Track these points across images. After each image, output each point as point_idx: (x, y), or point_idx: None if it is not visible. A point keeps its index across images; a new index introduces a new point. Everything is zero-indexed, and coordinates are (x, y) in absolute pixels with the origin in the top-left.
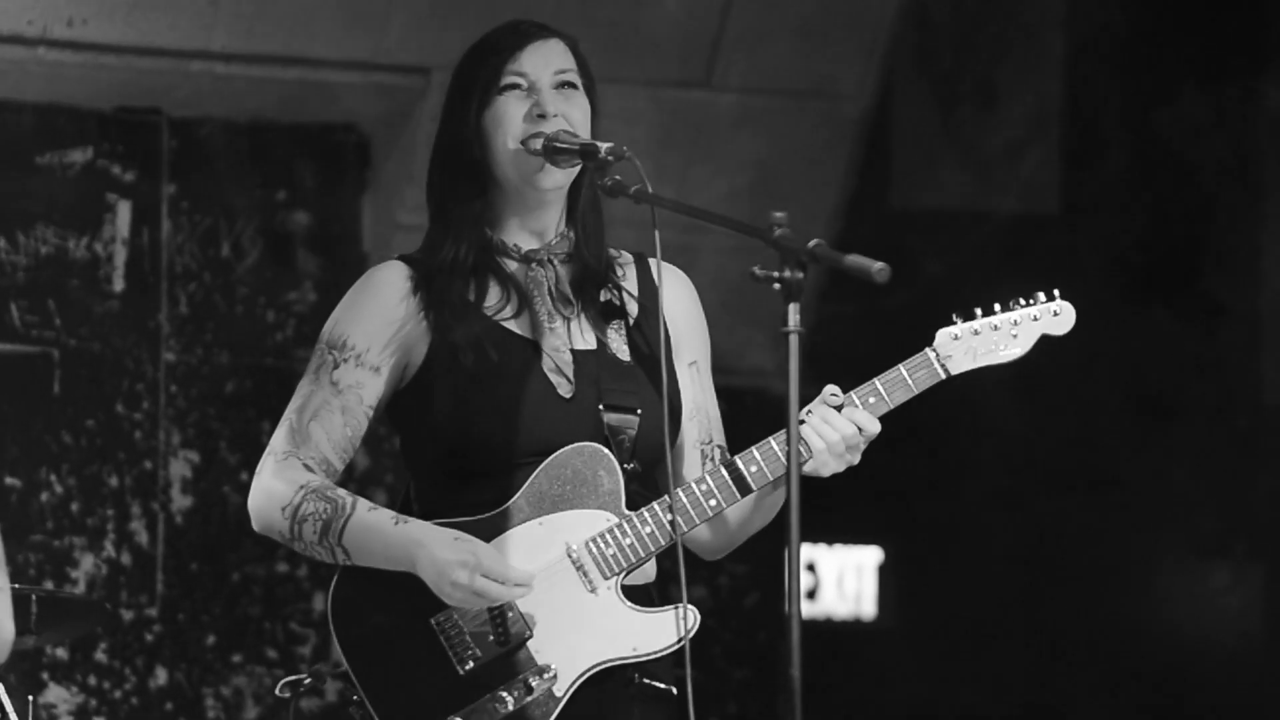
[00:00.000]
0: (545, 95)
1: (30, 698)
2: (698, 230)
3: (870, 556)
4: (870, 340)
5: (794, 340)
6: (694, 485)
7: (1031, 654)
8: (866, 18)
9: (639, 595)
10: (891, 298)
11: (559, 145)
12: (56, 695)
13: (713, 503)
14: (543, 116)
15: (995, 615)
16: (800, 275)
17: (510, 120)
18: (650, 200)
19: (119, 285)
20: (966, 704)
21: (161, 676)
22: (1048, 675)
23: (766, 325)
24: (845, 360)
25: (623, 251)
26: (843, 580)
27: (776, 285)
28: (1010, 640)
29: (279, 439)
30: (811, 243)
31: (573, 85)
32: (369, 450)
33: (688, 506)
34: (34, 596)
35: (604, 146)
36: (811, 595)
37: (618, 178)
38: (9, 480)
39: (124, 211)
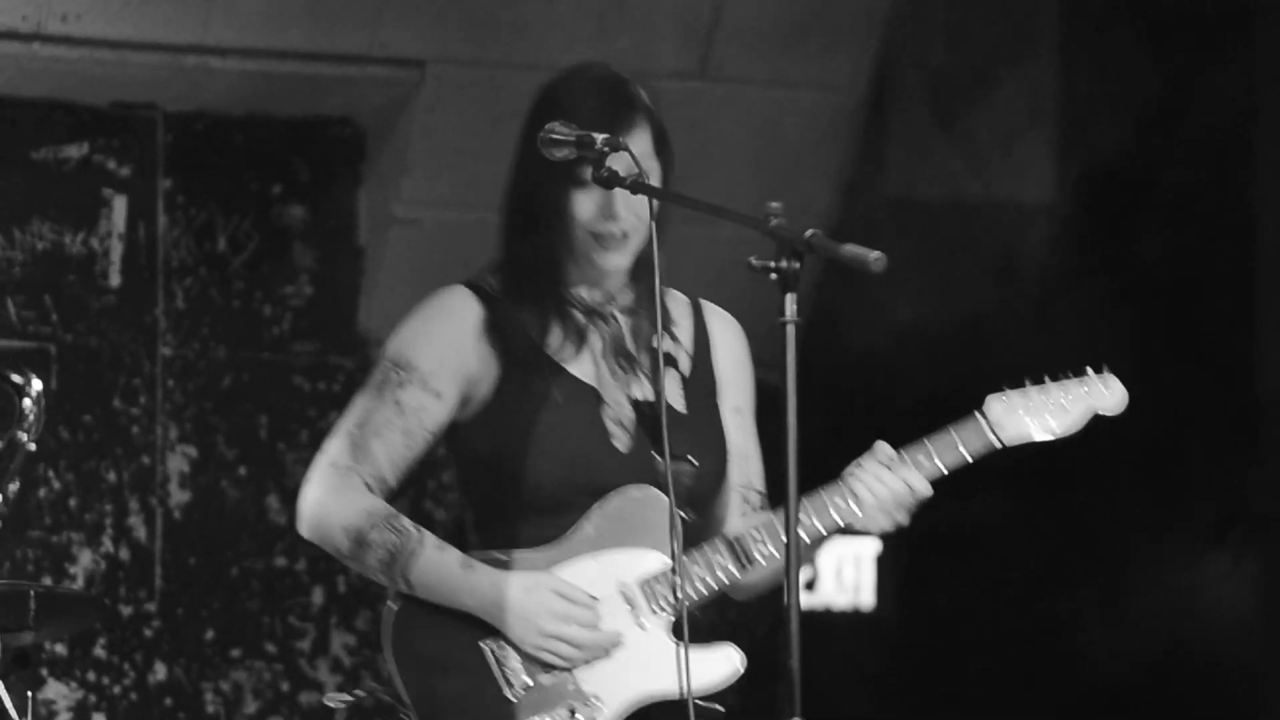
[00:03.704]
0: (615, 196)
1: (29, 694)
2: (693, 221)
3: (868, 547)
4: (863, 333)
5: (791, 330)
6: (746, 534)
7: (1029, 643)
8: (860, 8)
9: (691, 628)
10: (886, 288)
11: (554, 137)
12: (55, 691)
13: (765, 550)
14: (612, 218)
15: (993, 605)
16: (797, 265)
17: (581, 212)
18: (646, 191)
19: (115, 280)
20: (965, 694)
21: (160, 672)
22: (1046, 664)
23: (761, 316)
24: (839, 350)
25: (674, 293)
26: (841, 571)
27: (773, 275)
28: (1008, 629)
29: (339, 450)
30: (808, 232)
31: (641, 177)
32: None
33: (739, 553)
34: (32, 592)
35: (599, 137)
36: (810, 586)
37: (613, 168)
38: None
39: (120, 206)
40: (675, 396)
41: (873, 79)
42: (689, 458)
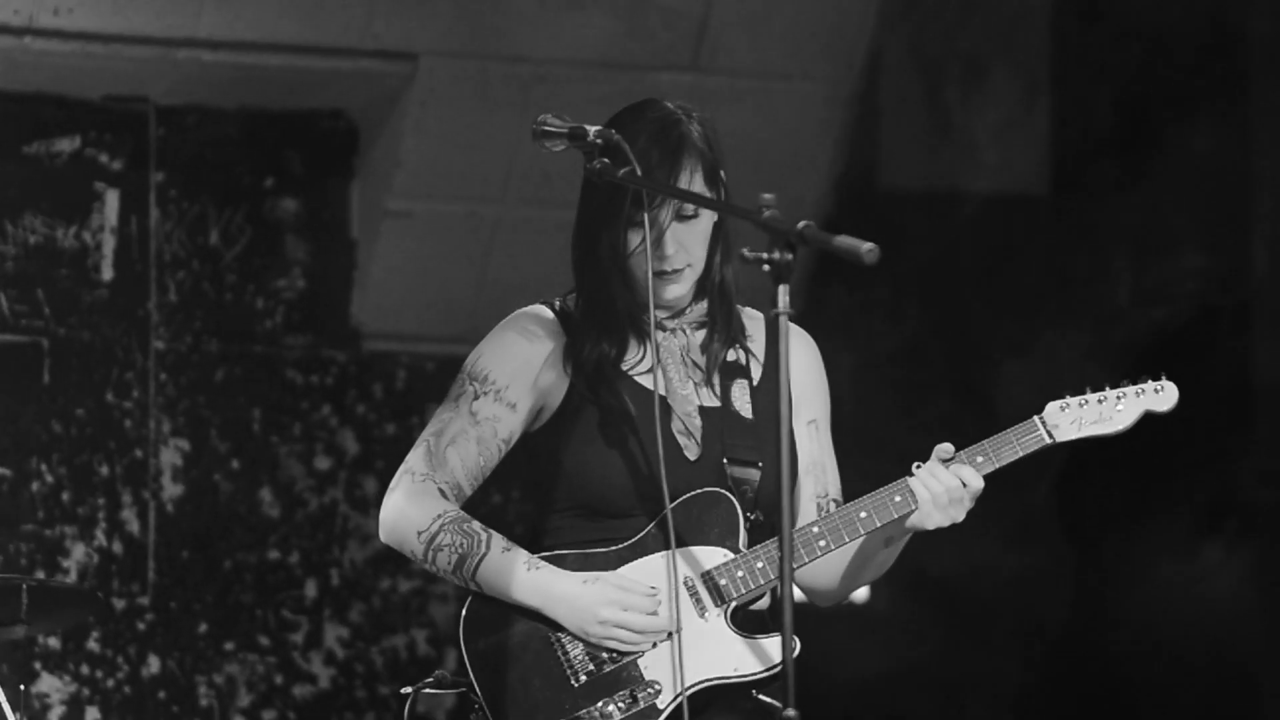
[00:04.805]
0: (666, 236)
1: (23, 687)
2: None
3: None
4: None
5: (783, 322)
6: (806, 528)
7: (1023, 635)
8: None
9: (753, 620)
10: (880, 279)
11: (547, 129)
12: (49, 685)
13: (822, 544)
14: (661, 256)
15: (988, 596)
16: (789, 257)
17: (635, 251)
18: (639, 184)
19: (108, 274)
20: (959, 685)
21: (154, 665)
22: (1040, 656)
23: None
24: (837, 342)
25: (750, 310)
26: None
27: (766, 267)
28: (1002, 621)
29: (416, 460)
30: (800, 224)
31: (694, 215)
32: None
33: (798, 546)
34: (25, 586)
35: (592, 130)
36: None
37: (606, 161)
38: (0, 470)
39: (112, 200)
40: (743, 404)
41: (865, 70)
42: (757, 463)
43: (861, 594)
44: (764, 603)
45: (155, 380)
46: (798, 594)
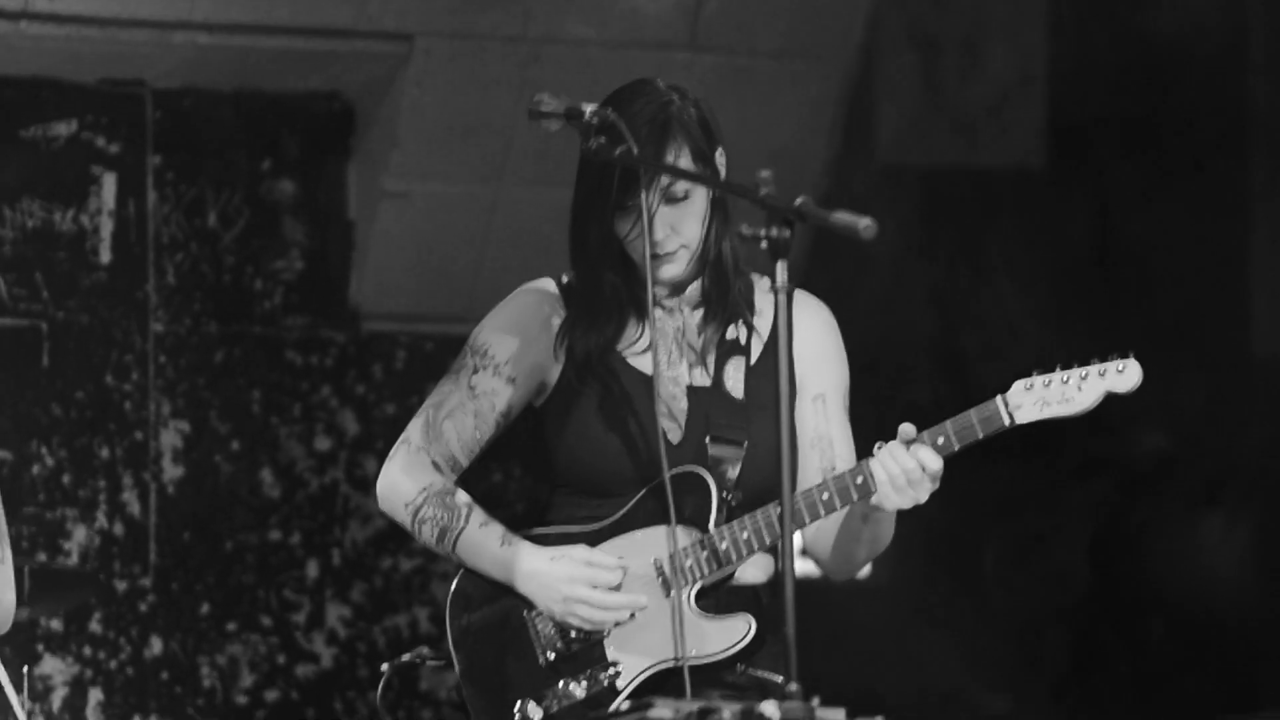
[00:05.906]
0: (655, 221)
1: (25, 669)
2: None
3: None
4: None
5: (782, 298)
6: (771, 508)
7: (1024, 611)
8: None
9: (745, 596)
10: (876, 256)
11: (542, 111)
12: (52, 666)
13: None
14: (652, 240)
15: (984, 571)
16: (787, 233)
17: (624, 233)
18: (636, 163)
19: (106, 257)
20: (960, 662)
21: (156, 646)
22: (1040, 633)
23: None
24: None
25: (766, 280)
26: None
27: (763, 244)
28: (1003, 598)
29: (415, 431)
30: (797, 200)
31: (684, 198)
32: None
33: (761, 526)
34: (27, 569)
35: (589, 109)
36: (805, 553)
37: (602, 140)
38: (0, 453)
39: (109, 183)
40: (735, 383)
41: (862, 47)
42: (741, 442)
43: (864, 570)
44: (763, 577)
45: (155, 362)
46: (813, 568)
